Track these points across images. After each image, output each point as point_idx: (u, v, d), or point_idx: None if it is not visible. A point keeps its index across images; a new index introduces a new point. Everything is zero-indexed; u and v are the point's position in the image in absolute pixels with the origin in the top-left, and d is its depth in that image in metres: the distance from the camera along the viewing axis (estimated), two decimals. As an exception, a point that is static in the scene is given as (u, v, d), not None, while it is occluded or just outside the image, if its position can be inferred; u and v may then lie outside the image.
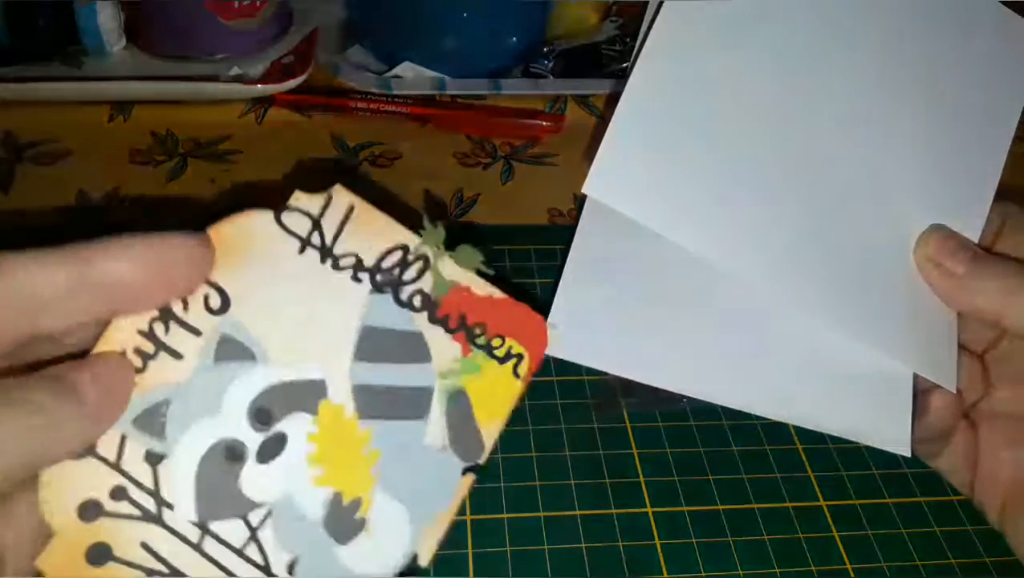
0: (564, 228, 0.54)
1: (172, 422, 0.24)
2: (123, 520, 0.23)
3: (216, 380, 0.24)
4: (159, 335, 0.24)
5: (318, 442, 0.25)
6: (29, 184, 0.54)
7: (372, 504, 0.25)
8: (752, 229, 0.29)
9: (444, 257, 0.26)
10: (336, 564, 0.25)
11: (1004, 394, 0.33)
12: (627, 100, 0.29)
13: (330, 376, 0.25)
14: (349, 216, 0.26)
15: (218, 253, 0.25)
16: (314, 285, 0.26)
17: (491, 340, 0.26)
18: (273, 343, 0.25)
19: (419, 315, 0.26)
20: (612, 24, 0.68)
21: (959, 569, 0.37)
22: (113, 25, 0.62)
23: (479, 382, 0.26)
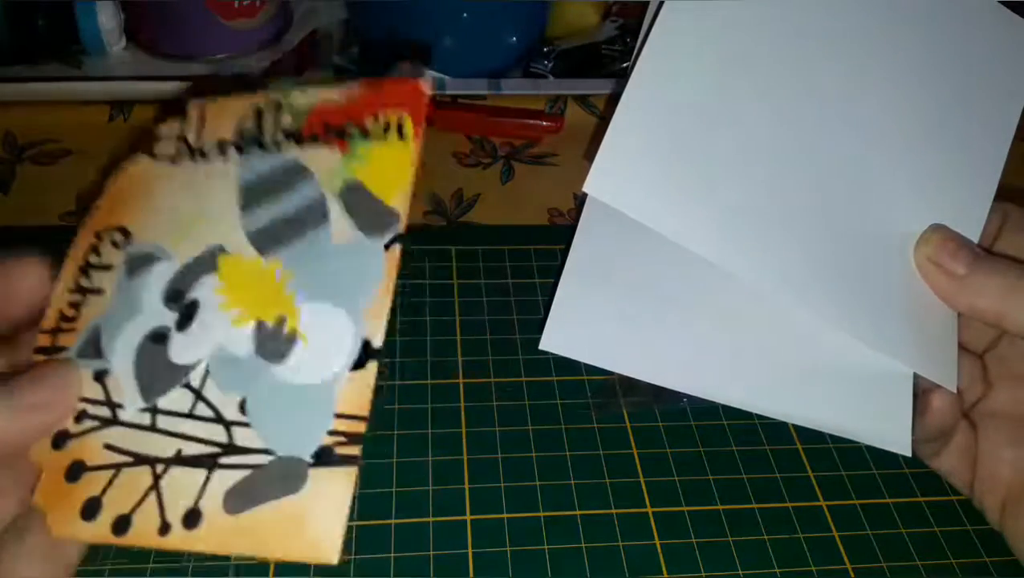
0: (564, 228, 0.54)
1: (105, 339, 0.26)
2: (88, 435, 0.25)
3: (131, 290, 0.26)
4: (83, 284, 0.27)
5: (226, 293, 0.26)
6: (29, 184, 0.54)
7: (298, 316, 0.25)
8: (752, 228, 0.29)
9: (292, 92, 0.27)
10: (283, 384, 0.24)
11: (1004, 394, 0.33)
12: (628, 100, 0.29)
13: (224, 239, 0.26)
14: (204, 117, 0.28)
15: (112, 205, 0.28)
16: (192, 180, 0.27)
17: (363, 124, 0.26)
18: (173, 241, 0.27)
19: (286, 145, 0.27)
20: (612, 24, 0.68)
21: (959, 569, 0.37)
22: (113, 25, 0.62)
23: (366, 166, 0.26)
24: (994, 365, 0.33)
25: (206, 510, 0.23)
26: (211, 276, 0.26)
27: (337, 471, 0.22)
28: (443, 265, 0.50)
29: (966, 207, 0.32)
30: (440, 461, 0.40)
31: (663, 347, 0.30)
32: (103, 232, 0.28)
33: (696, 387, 0.29)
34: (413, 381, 0.43)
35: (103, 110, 0.60)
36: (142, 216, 0.27)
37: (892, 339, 0.30)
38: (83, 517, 0.24)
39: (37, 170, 0.55)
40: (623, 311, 0.30)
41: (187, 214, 0.27)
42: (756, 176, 0.30)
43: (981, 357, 0.33)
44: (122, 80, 0.61)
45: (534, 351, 0.44)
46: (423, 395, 0.42)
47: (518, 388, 0.43)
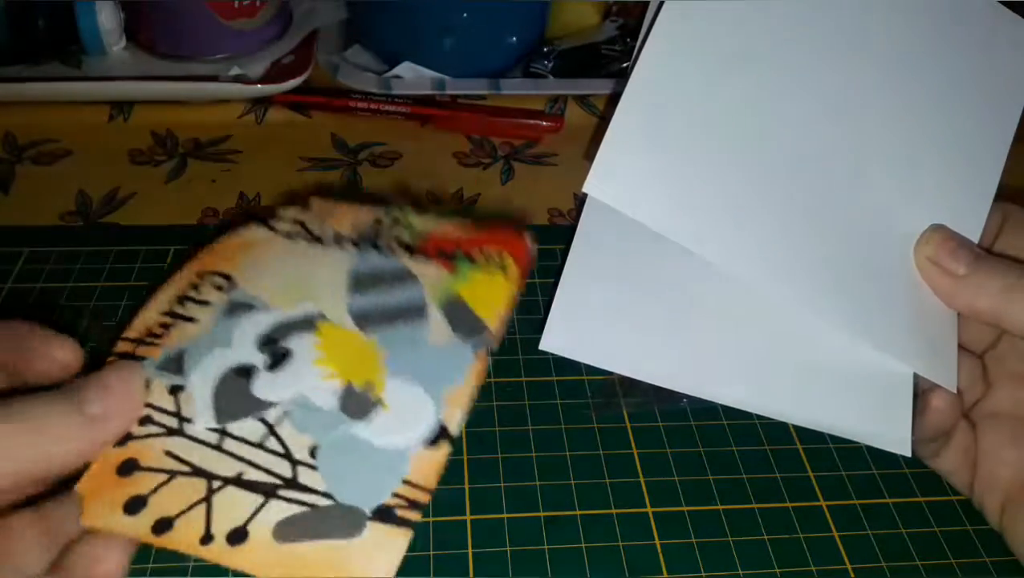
0: (564, 228, 0.54)
1: (190, 360, 0.27)
2: (149, 439, 0.26)
3: (226, 326, 0.28)
4: (177, 311, 0.29)
5: (324, 350, 0.28)
6: (29, 184, 0.54)
7: (385, 386, 0.27)
8: (752, 228, 0.30)
9: (411, 214, 0.31)
10: (357, 440, 0.26)
11: (1004, 394, 0.33)
12: (628, 100, 0.29)
13: (326, 308, 0.29)
14: (324, 212, 0.31)
15: (222, 256, 0.30)
16: (305, 256, 0.30)
17: (470, 254, 0.29)
18: (274, 296, 0.29)
19: (401, 255, 0.30)
20: (612, 24, 0.68)
21: (959, 569, 0.37)
22: (113, 25, 0.62)
23: (470, 287, 0.29)
24: (994, 365, 0.33)
25: (253, 532, 0.24)
26: (309, 334, 0.28)
27: (394, 530, 0.24)
28: (443, 265, 0.50)
29: (966, 207, 0.32)
30: (440, 461, 0.40)
31: (663, 347, 0.30)
32: (207, 274, 0.30)
33: (696, 387, 0.29)
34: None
35: (103, 110, 0.60)
36: (249, 270, 0.30)
37: (892, 339, 0.30)
38: (125, 511, 0.25)
39: (37, 170, 0.55)
40: (623, 311, 0.30)
41: (294, 279, 0.29)
42: (756, 176, 0.30)
43: (981, 357, 0.33)
44: (122, 80, 0.61)
45: (534, 351, 0.44)
46: (423, 395, 0.42)
47: (518, 388, 0.43)
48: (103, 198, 0.53)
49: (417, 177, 0.57)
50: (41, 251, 0.48)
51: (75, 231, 0.51)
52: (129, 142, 0.58)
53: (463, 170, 0.58)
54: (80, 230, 0.51)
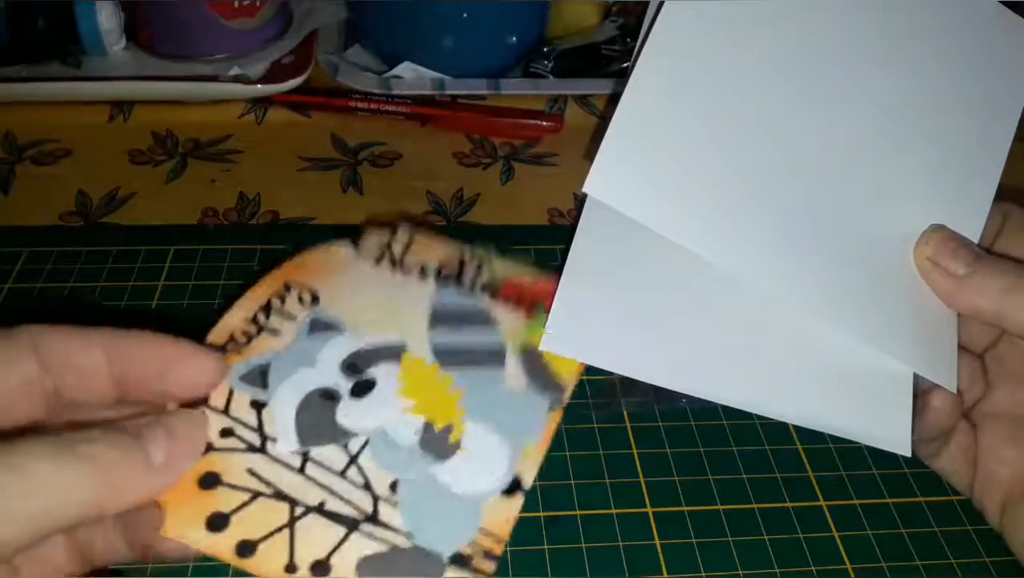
0: (564, 228, 0.54)
1: (274, 376, 0.28)
2: (231, 453, 0.26)
3: (310, 345, 0.29)
4: (261, 321, 0.29)
5: (405, 381, 0.28)
6: (29, 184, 0.54)
7: (464, 430, 0.27)
8: (752, 229, 0.29)
9: (495, 258, 0.32)
10: (437, 481, 0.26)
11: (1003, 394, 0.33)
12: (628, 99, 0.29)
13: (409, 339, 0.29)
14: (412, 240, 0.32)
15: (308, 270, 0.31)
16: (387, 282, 0.31)
17: (549, 306, 0.30)
18: (357, 321, 0.29)
19: (482, 297, 0.30)
20: (612, 24, 0.68)
21: (959, 569, 0.37)
22: (113, 25, 0.62)
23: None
24: (994, 365, 0.33)
25: (336, 566, 0.24)
26: (392, 364, 0.28)
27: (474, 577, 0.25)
28: (443, 265, 0.50)
29: (966, 207, 0.32)
30: (440, 461, 0.40)
31: (663, 347, 0.30)
32: (293, 285, 0.30)
33: (696, 387, 0.29)
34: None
35: (103, 110, 0.60)
36: (335, 289, 0.30)
37: (892, 339, 0.30)
38: (208, 527, 0.25)
39: (37, 170, 0.55)
40: (623, 311, 0.30)
41: (378, 307, 0.30)
42: (756, 176, 0.30)
43: (981, 357, 0.33)
44: (122, 80, 0.61)
45: (534, 351, 0.44)
46: (423, 395, 0.42)
47: (518, 388, 0.43)
48: (103, 198, 0.53)
49: (417, 177, 0.57)
50: (41, 251, 0.48)
51: (75, 231, 0.51)
52: (129, 142, 0.58)
53: (463, 170, 0.58)
54: (80, 230, 0.51)
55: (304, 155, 0.58)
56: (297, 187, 0.55)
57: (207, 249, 0.49)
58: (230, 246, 0.49)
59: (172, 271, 0.48)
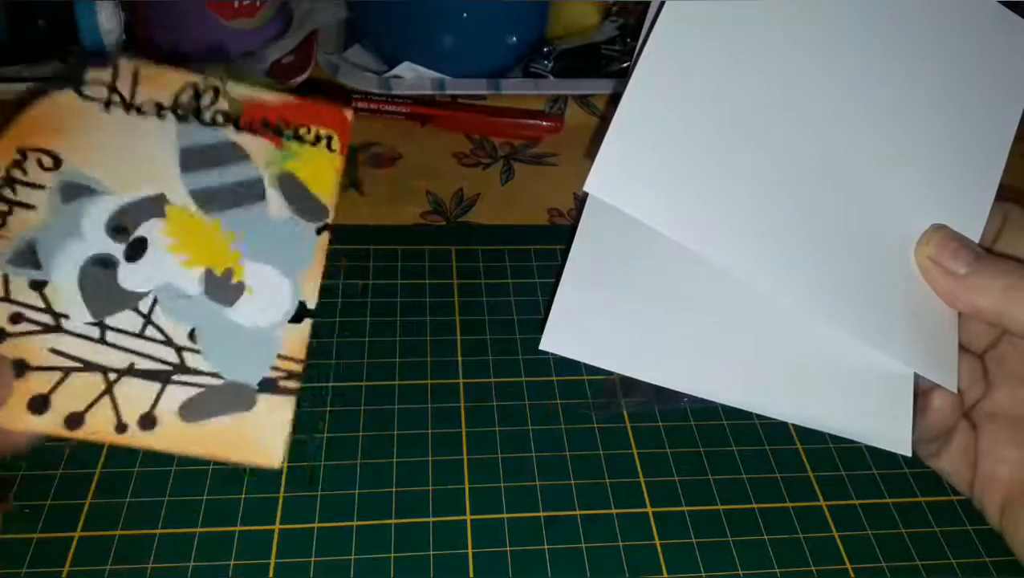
0: (564, 228, 0.54)
1: (43, 253, 0.28)
2: (30, 337, 0.27)
3: (70, 214, 0.28)
4: (8, 196, 0.28)
5: (175, 236, 0.29)
6: (29, 184, 0.54)
7: (244, 270, 0.29)
8: (753, 228, 0.29)
9: (230, 82, 0.31)
10: (231, 323, 0.28)
11: (1004, 394, 0.33)
12: (629, 98, 0.29)
13: (166, 188, 0.29)
14: (137, 76, 0.30)
15: (37, 127, 0.29)
16: (126, 130, 0.30)
17: (297, 130, 0.30)
18: (108, 177, 0.29)
19: (225, 128, 0.30)
20: (612, 24, 0.68)
21: (959, 569, 0.37)
22: (113, 25, 0.62)
23: (300, 163, 0.30)
24: (994, 365, 0.33)
25: (161, 416, 0.27)
26: (158, 221, 0.29)
27: (281, 398, 0.27)
28: (443, 265, 0.50)
29: (967, 207, 0.32)
30: (440, 461, 0.40)
31: (664, 347, 0.30)
32: (28, 151, 0.29)
33: (696, 387, 0.29)
34: (413, 381, 0.43)
35: (103, 110, 0.60)
36: (75, 147, 0.29)
37: (893, 338, 0.30)
38: (32, 411, 0.26)
39: (37, 170, 0.55)
40: (624, 311, 0.30)
41: (125, 158, 0.29)
42: (757, 175, 0.30)
43: (981, 357, 0.33)
44: (122, 80, 0.61)
45: (534, 351, 0.44)
46: (423, 395, 0.42)
47: (518, 388, 0.43)
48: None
49: (417, 177, 0.57)
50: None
51: None
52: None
53: (463, 170, 0.58)
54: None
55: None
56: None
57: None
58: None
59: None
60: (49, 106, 0.30)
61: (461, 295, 0.48)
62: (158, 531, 0.36)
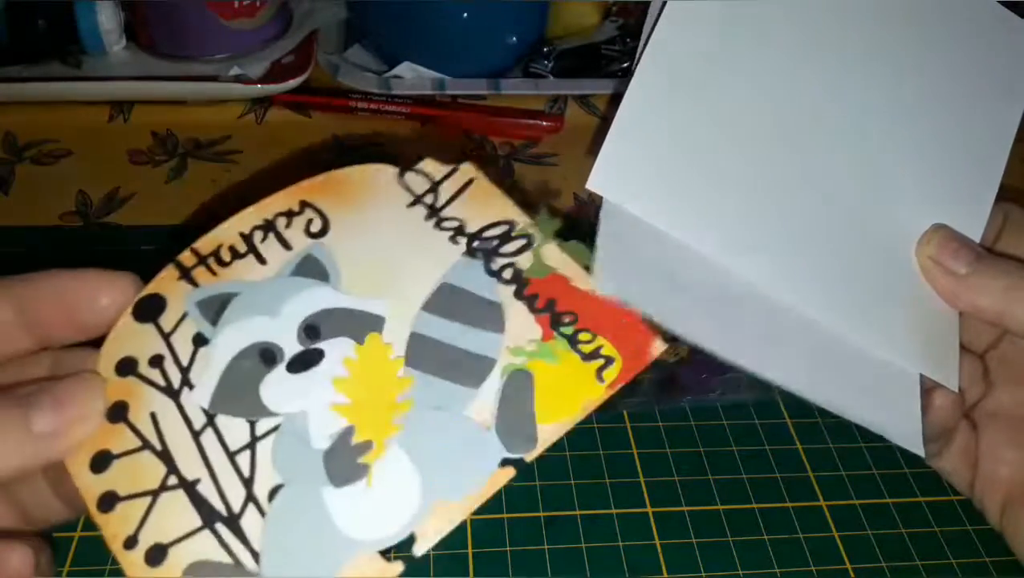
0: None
1: (230, 312, 0.25)
2: (148, 387, 0.24)
3: (284, 288, 0.25)
4: (255, 240, 0.26)
5: (352, 369, 0.24)
6: (29, 184, 0.54)
7: (384, 454, 0.23)
8: (754, 226, 0.30)
9: (550, 243, 0.25)
10: (321, 507, 0.22)
11: (1004, 394, 0.33)
12: (631, 96, 0.29)
13: (392, 315, 0.24)
14: (466, 187, 0.27)
15: (336, 188, 0.26)
16: (411, 232, 0.26)
17: (579, 332, 0.24)
18: (351, 272, 0.25)
19: (505, 287, 0.25)
20: (612, 24, 0.68)
21: (959, 569, 0.37)
22: (113, 25, 0.62)
23: (551, 371, 0.24)
24: (995, 365, 0.33)
25: (170, 558, 0.22)
26: (351, 342, 0.24)
27: None
28: (443, 265, 0.50)
29: (968, 207, 0.32)
30: (440, 461, 0.40)
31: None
32: (309, 206, 0.26)
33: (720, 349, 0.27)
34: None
35: (103, 110, 0.60)
36: (350, 224, 0.26)
37: (893, 338, 0.30)
38: (91, 466, 0.23)
39: (37, 170, 0.55)
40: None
41: (382, 260, 0.26)
42: (758, 174, 0.30)
43: (982, 357, 0.33)
44: (122, 80, 0.61)
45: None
46: (423, 395, 0.42)
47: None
48: (103, 198, 0.53)
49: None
50: (41, 251, 0.48)
51: (75, 231, 0.51)
52: (129, 142, 0.58)
53: (463, 170, 0.58)
54: (80, 230, 0.51)
55: (304, 155, 0.58)
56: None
57: (207, 249, 0.49)
58: (230, 246, 0.49)
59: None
60: (361, 173, 0.27)
61: (461, 295, 0.48)
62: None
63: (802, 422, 0.42)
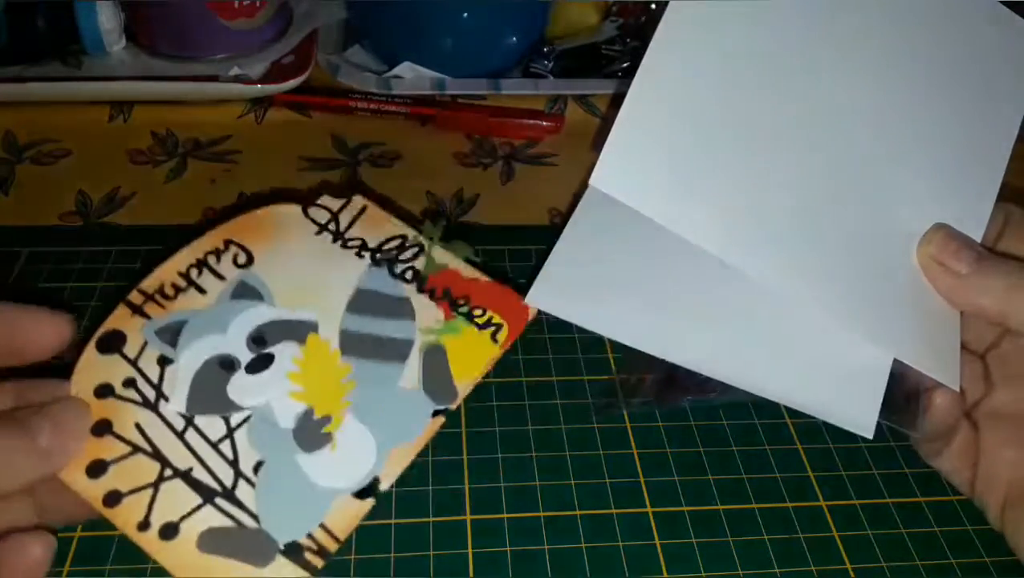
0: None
1: (185, 336, 0.29)
2: (127, 404, 0.28)
3: (228, 310, 0.30)
4: (192, 276, 0.30)
5: (301, 365, 0.29)
6: (29, 184, 0.54)
7: (341, 423, 0.28)
8: (757, 226, 0.30)
9: (437, 245, 0.32)
10: (299, 471, 0.27)
11: (1005, 394, 0.33)
12: (634, 94, 0.29)
13: (322, 319, 0.30)
14: (361, 213, 0.33)
15: (252, 226, 0.32)
16: (323, 255, 0.31)
17: (472, 309, 0.31)
18: (280, 291, 0.30)
19: (408, 285, 0.31)
20: (612, 24, 0.68)
21: (959, 569, 0.37)
22: (113, 25, 0.62)
23: (458, 341, 0.30)
24: (995, 365, 0.33)
25: (183, 533, 0.26)
26: (295, 344, 0.29)
27: (296, 569, 0.26)
28: (443, 265, 0.50)
29: (969, 207, 0.32)
30: (440, 461, 0.40)
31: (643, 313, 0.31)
32: (232, 243, 0.31)
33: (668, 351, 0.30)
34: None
35: (103, 110, 0.60)
36: (271, 253, 0.31)
37: (895, 337, 0.30)
38: (88, 473, 0.26)
39: (37, 170, 0.55)
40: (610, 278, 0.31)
41: (305, 278, 0.31)
42: (762, 173, 0.30)
43: (983, 357, 0.33)
44: (122, 80, 0.61)
45: (534, 351, 0.44)
46: (423, 395, 0.42)
47: (518, 388, 0.43)
48: (103, 198, 0.53)
49: (417, 177, 0.57)
50: (41, 251, 0.48)
51: (75, 231, 0.51)
52: (129, 142, 0.58)
53: (463, 170, 0.58)
54: (80, 230, 0.51)
55: (304, 155, 0.58)
56: (297, 187, 0.55)
57: (207, 249, 0.49)
58: (230, 246, 0.49)
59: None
60: (272, 213, 0.32)
61: (461, 295, 0.48)
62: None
63: (802, 422, 0.42)
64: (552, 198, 0.56)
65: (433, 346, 0.30)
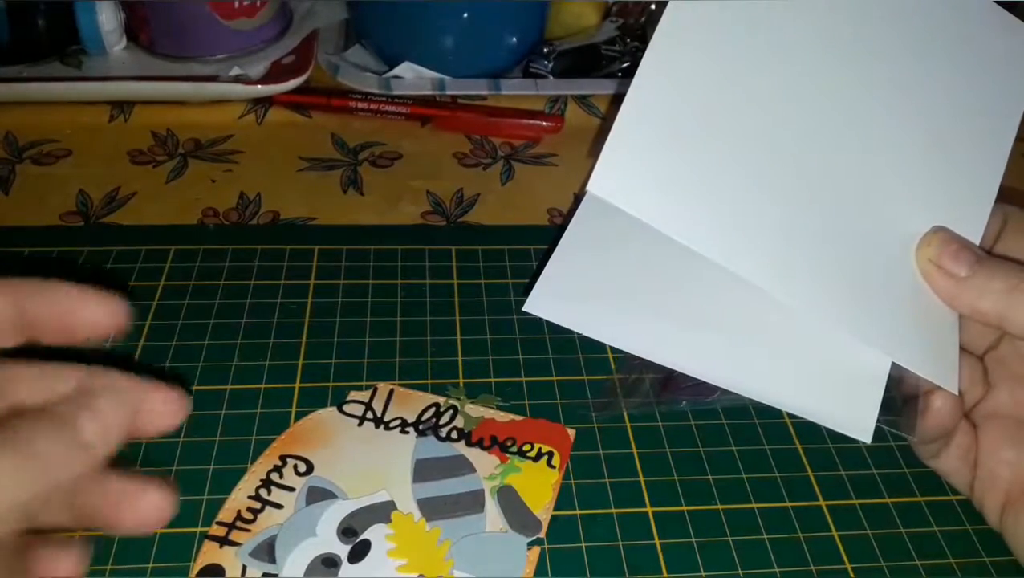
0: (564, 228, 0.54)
1: (280, 549, 0.31)
2: None
3: (309, 515, 0.32)
4: (263, 496, 0.33)
5: (396, 542, 0.32)
6: (29, 184, 0.54)
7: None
8: (756, 230, 0.30)
9: (467, 403, 0.37)
10: None
11: (1004, 395, 0.33)
12: (632, 99, 0.29)
13: (396, 497, 0.33)
14: (391, 397, 0.37)
15: (300, 438, 0.35)
16: (373, 442, 0.35)
17: (522, 446, 0.35)
18: (349, 485, 0.34)
19: (457, 444, 0.35)
20: (612, 24, 0.68)
21: (959, 569, 0.37)
22: (113, 25, 0.62)
23: (521, 478, 0.34)
24: (994, 366, 0.33)
25: None
26: (384, 526, 0.32)
27: None
28: (443, 265, 0.50)
29: (967, 209, 0.32)
30: (440, 461, 0.40)
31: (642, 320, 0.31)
32: (288, 458, 0.34)
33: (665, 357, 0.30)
34: (413, 381, 0.43)
35: (103, 110, 0.60)
36: (325, 455, 0.34)
37: (894, 340, 0.30)
38: None
39: (37, 170, 0.55)
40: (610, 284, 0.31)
41: (366, 467, 0.34)
42: (758, 177, 0.30)
43: (981, 359, 0.33)
44: (122, 80, 0.61)
45: (534, 351, 0.45)
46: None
47: (518, 388, 0.43)
48: (103, 198, 0.53)
49: (417, 177, 0.57)
50: (41, 251, 0.48)
51: (75, 231, 0.51)
52: (129, 142, 0.58)
53: (463, 170, 0.58)
54: (80, 230, 0.51)
55: (304, 155, 0.58)
56: (297, 187, 0.55)
57: (207, 249, 0.49)
58: (230, 246, 0.49)
59: (172, 271, 0.47)
60: (314, 421, 0.36)
61: (461, 295, 0.48)
62: (159, 531, 0.36)
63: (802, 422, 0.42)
64: (552, 198, 0.56)
65: (502, 488, 0.33)
